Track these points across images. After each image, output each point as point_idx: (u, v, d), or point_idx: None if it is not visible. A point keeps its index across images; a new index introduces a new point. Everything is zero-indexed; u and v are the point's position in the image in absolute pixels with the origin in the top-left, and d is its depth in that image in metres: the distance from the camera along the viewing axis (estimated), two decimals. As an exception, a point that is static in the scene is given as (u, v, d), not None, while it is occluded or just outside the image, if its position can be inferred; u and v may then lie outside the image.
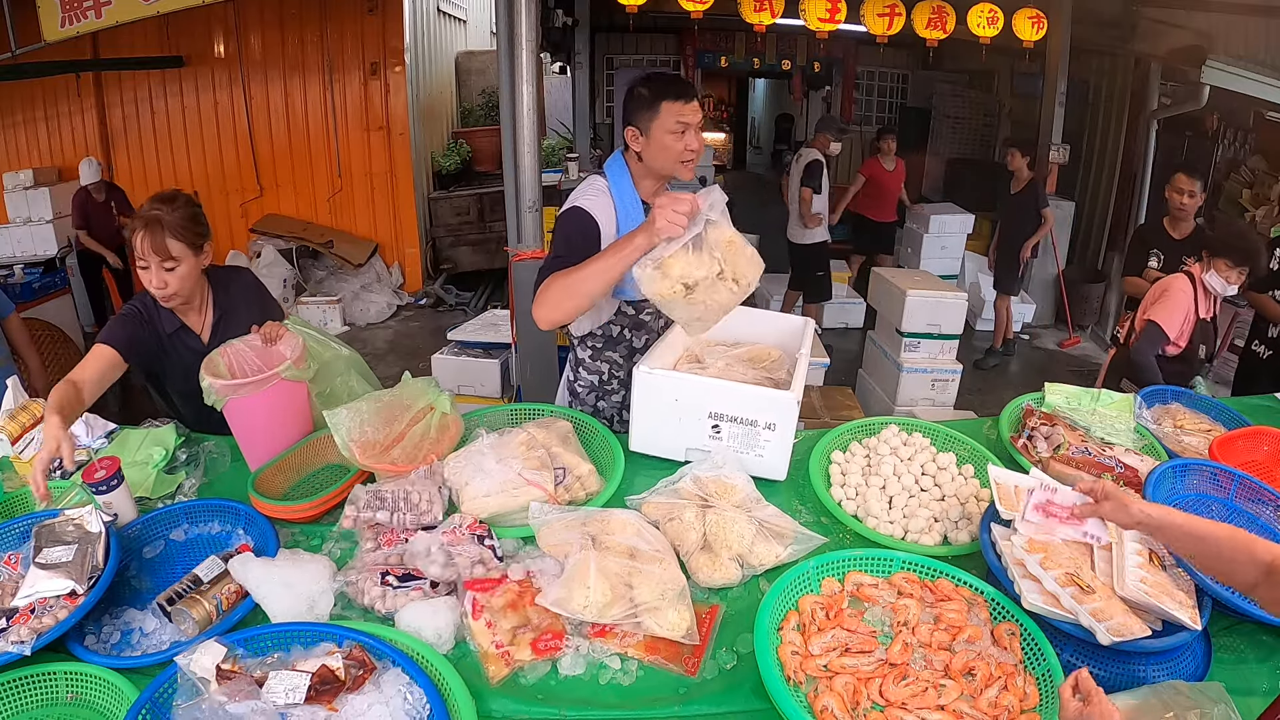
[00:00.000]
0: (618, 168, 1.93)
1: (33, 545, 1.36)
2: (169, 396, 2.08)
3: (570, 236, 1.82)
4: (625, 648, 1.26)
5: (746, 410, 1.67)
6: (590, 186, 1.91)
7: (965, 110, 8.99)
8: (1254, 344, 3.49)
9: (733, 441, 1.70)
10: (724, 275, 1.63)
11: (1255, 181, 6.64)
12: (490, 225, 7.22)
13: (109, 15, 4.42)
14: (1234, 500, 1.64)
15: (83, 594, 1.30)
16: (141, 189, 6.88)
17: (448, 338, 4.37)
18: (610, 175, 1.92)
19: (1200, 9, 4.97)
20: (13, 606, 1.29)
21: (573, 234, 1.82)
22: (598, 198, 1.88)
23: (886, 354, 4.62)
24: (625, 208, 1.90)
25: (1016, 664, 1.20)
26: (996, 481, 1.51)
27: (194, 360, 1.89)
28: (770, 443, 1.69)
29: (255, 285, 2.11)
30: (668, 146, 1.84)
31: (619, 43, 8.58)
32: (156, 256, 1.80)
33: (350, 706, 1.10)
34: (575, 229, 1.83)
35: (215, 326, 1.99)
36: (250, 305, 2.02)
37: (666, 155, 1.85)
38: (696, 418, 1.70)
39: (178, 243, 1.82)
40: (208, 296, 2.00)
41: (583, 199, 1.87)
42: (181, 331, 1.96)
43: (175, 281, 1.84)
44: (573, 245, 1.79)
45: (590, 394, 2.10)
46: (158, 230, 1.79)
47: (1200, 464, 1.69)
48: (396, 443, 1.66)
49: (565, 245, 1.81)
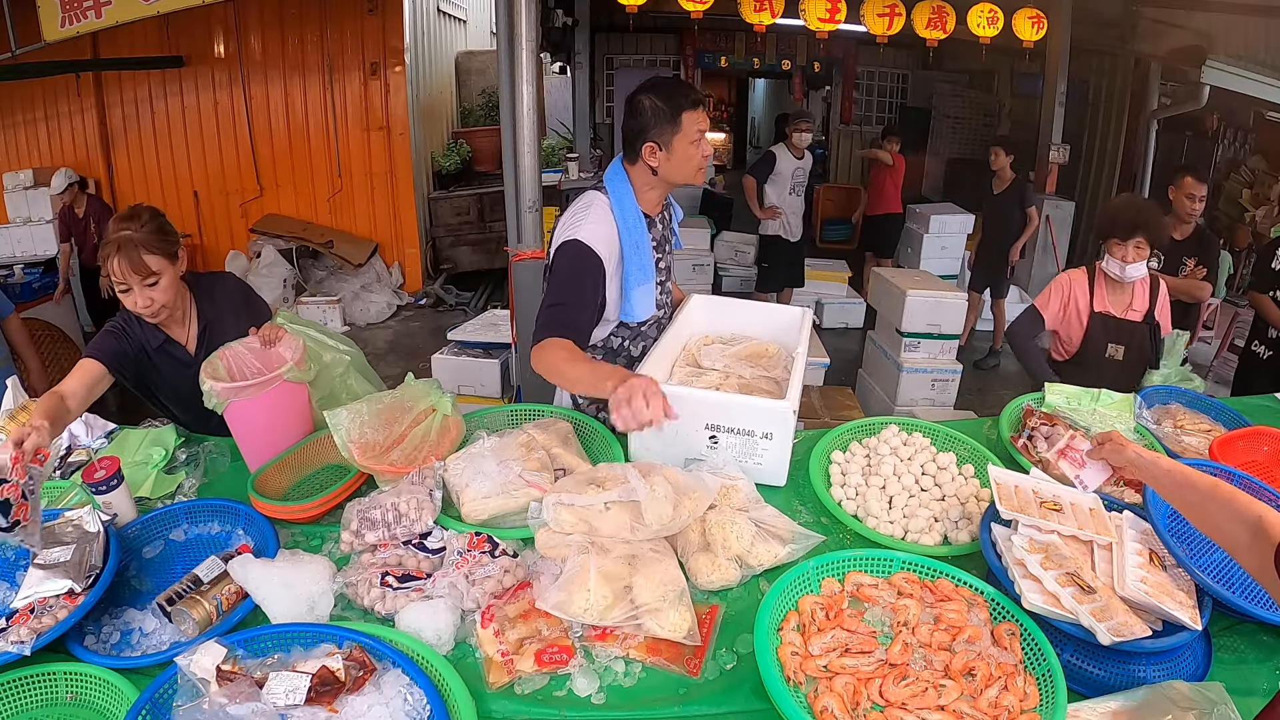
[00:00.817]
0: (619, 181, 1.87)
1: (33, 551, 1.36)
2: (163, 405, 2.06)
3: (567, 281, 1.79)
4: (627, 649, 1.26)
5: (743, 421, 1.66)
6: (591, 210, 1.84)
7: (965, 110, 9.01)
8: (1254, 344, 3.49)
9: (731, 451, 1.69)
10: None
11: (1255, 181, 6.65)
12: (490, 225, 7.22)
13: (109, 15, 4.43)
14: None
15: (80, 593, 1.30)
16: (141, 189, 6.89)
17: (448, 338, 4.37)
18: (611, 191, 1.86)
19: (1200, 9, 4.97)
20: (13, 608, 1.29)
21: (570, 277, 1.78)
22: (599, 226, 1.81)
23: (886, 354, 4.62)
24: (628, 227, 1.85)
25: (1016, 664, 1.20)
26: (996, 481, 1.51)
27: (182, 372, 1.90)
28: (769, 451, 1.69)
29: (239, 288, 2.08)
30: (689, 157, 1.82)
31: (619, 43, 8.59)
32: (137, 276, 1.76)
33: (350, 707, 1.09)
34: (575, 270, 1.78)
35: (201, 336, 1.96)
36: (237, 311, 1.99)
37: (688, 166, 1.84)
38: (694, 429, 1.69)
39: (154, 256, 1.77)
40: (190, 307, 1.96)
41: (583, 228, 1.80)
42: (167, 344, 1.92)
43: (160, 295, 1.80)
44: (570, 290, 1.77)
45: (591, 404, 2.05)
46: (131, 249, 1.74)
47: (1201, 464, 1.69)
48: (397, 444, 1.66)
49: (563, 290, 1.77)
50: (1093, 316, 2.53)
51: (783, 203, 5.52)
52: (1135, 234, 2.40)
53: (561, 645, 1.25)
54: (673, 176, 1.86)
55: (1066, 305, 2.58)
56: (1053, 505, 1.46)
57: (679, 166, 1.83)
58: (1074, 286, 2.58)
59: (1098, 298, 2.54)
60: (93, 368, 1.74)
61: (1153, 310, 2.54)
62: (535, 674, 1.22)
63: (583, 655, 1.25)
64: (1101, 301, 2.54)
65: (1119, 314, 2.54)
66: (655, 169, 1.84)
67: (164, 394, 2.01)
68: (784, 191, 5.50)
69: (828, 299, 6.43)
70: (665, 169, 1.84)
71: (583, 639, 1.28)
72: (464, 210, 7.25)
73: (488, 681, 1.21)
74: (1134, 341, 2.52)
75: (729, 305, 2.30)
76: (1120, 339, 2.52)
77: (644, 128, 1.81)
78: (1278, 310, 3.29)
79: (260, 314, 2.02)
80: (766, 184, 5.51)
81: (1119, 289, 2.54)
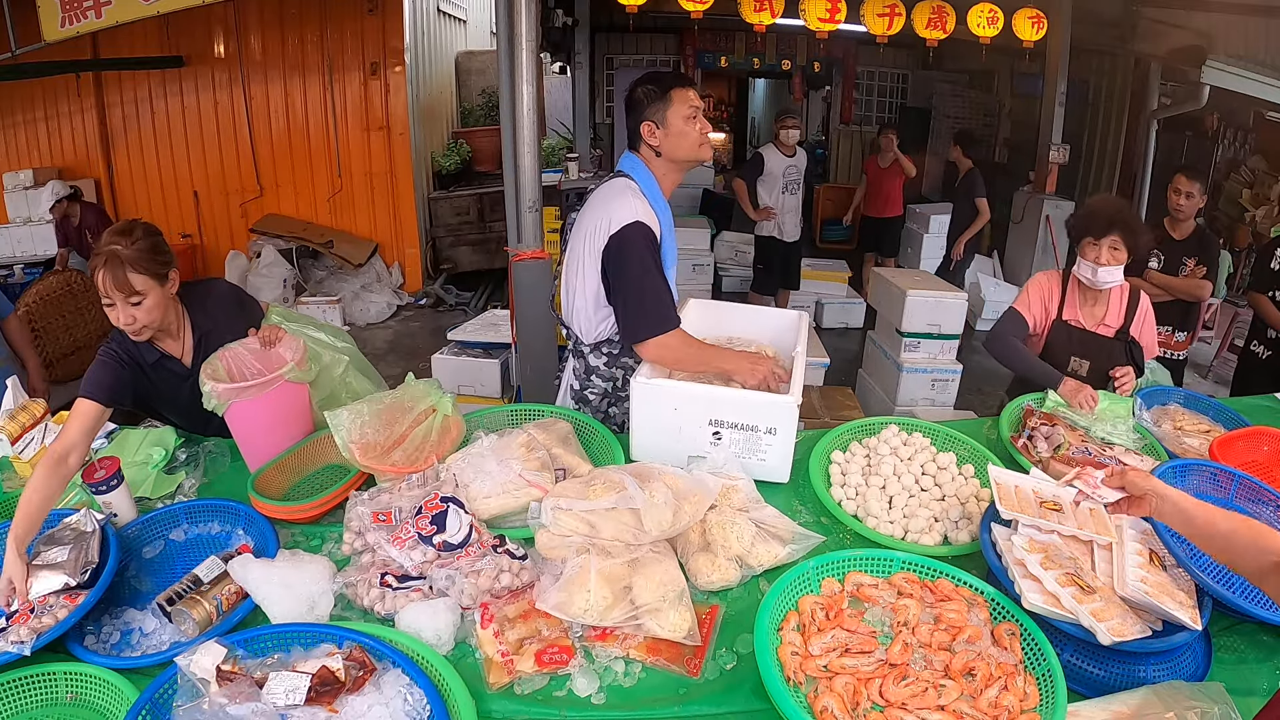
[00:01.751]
0: (641, 171, 1.95)
1: (32, 552, 1.37)
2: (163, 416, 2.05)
3: (651, 254, 1.87)
4: (627, 650, 1.26)
5: (747, 416, 1.67)
6: (628, 193, 1.92)
7: (965, 110, 9.00)
8: (1253, 344, 3.49)
9: (734, 447, 1.70)
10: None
11: (1255, 181, 6.65)
12: (490, 225, 7.22)
13: (109, 15, 4.42)
14: (1234, 500, 1.64)
15: (78, 589, 1.30)
16: (141, 189, 6.89)
17: (448, 338, 4.36)
18: (636, 177, 1.94)
19: (1200, 9, 4.97)
20: (13, 608, 1.29)
21: (651, 250, 1.88)
22: (642, 205, 1.89)
23: (886, 354, 4.61)
24: (660, 209, 1.94)
25: (1016, 664, 1.20)
26: (996, 481, 1.51)
27: (180, 385, 1.88)
28: (772, 447, 1.69)
29: (230, 293, 2.04)
30: (685, 132, 1.90)
31: (619, 43, 8.58)
32: (120, 293, 1.70)
33: (350, 707, 1.09)
34: (651, 243, 1.88)
35: (197, 348, 1.92)
36: (230, 315, 1.96)
37: (687, 141, 1.91)
38: (697, 425, 1.70)
39: (140, 276, 1.70)
40: (184, 320, 1.92)
41: (637, 212, 1.87)
42: (164, 360, 1.88)
43: (143, 315, 1.75)
44: (657, 274, 1.87)
45: (603, 400, 2.10)
46: (117, 266, 1.68)
47: (1200, 464, 1.69)
48: (398, 444, 1.65)
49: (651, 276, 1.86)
50: (1056, 324, 2.35)
51: (775, 203, 5.48)
52: (1110, 232, 2.19)
53: (561, 645, 1.25)
54: (675, 153, 1.93)
55: (1047, 306, 2.39)
56: (1053, 505, 1.46)
57: (677, 141, 1.92)
58: (1050, 288, 2.39)
59: (1068, 306, 2.35)
60: (90, 410, 1.69)
61: (1128, 325, 2.32)
62: (535, 674, 1.22)
63: (583, 655, 1.25)
64: (1071, 310, 2.35)
65: (1089, 326, 2.34)
66: (658, 149, 1.93)
67: (164, 407, 1.99)
68: (776, 191, 5.45)
69: (827, 299, 6.43)
70: (666, 146, 1.92)
71: (583, 639, 1.28)
72: (464, 210, 7.25)
73: (488, 682, 1.21)
74: (1100, 357, 2.30)
75: (725, 309, 2.30)
76: (1085, 353, 2.32)
77: (640, 110, 1.91)
78: (1277, 311, 3.29)
79: (254, 314, 2.00)
80: (758, 185, 5.48)
81: (1092, 299, 2.33)
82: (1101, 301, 2.33)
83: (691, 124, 1.91)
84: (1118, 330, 2.31)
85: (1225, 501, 1.64)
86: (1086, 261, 2.24)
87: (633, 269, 1.85)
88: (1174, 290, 3.45)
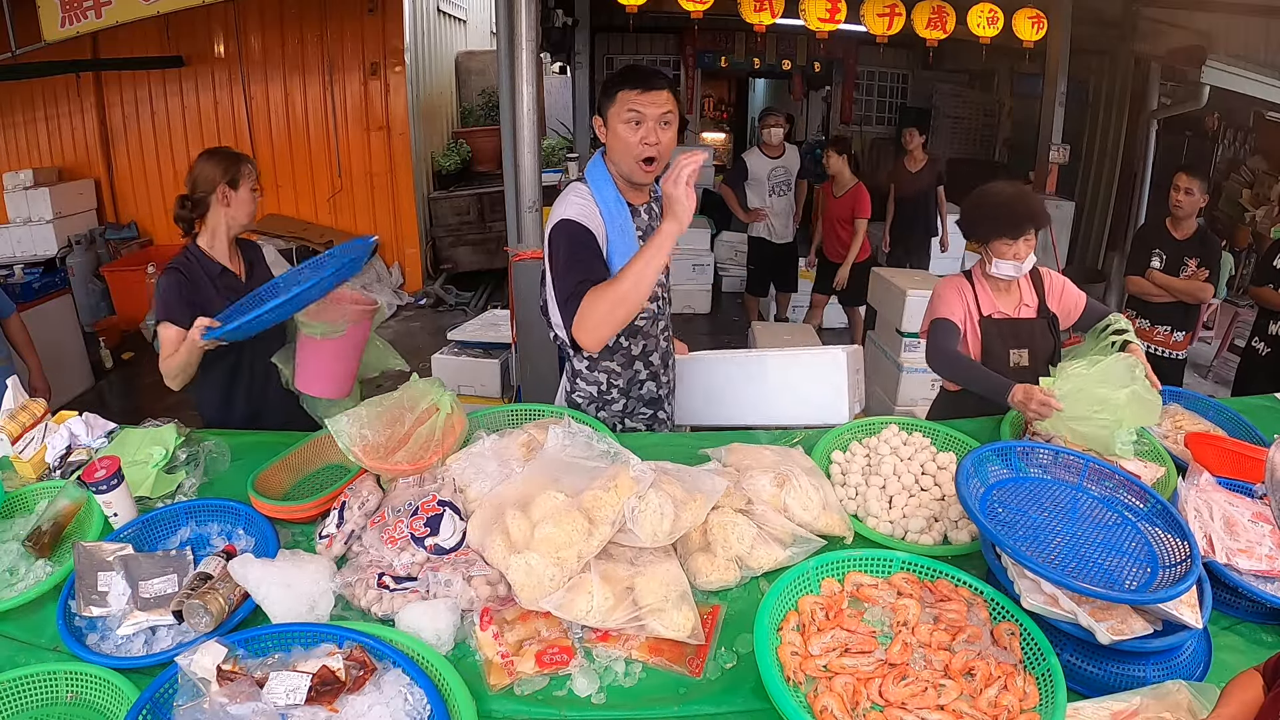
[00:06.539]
0: (599, 171, 1.85)
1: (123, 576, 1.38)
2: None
3: (574, 249, 1.75)
4: (629, 650, 1.26)
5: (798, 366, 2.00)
6: (571, 196, 1.82)
7: (965, 110, 9.00)
8: (1254, 340, 3.50)
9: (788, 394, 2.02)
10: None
11: (1255, 181, 6.66)
12: (490, 225, 7.22)
13: (109, 15, 4.43)
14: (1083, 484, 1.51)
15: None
16: (141, 189, 6.90)
17: (448, 338, 4.37)
18: (591, 180, 1.84)
19: (1200, 9, 4.97)
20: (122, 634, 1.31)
21: (574, 245, 1.75)
22: (583, 205, 1.79)
23: (886, 354, 4.61)
24: (609, 212, 1.82)
25: (1016, 664, 1.20)
26: (996, 482, 1.50)
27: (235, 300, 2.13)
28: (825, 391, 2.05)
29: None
30: (622, 138, 1.75)
31: (619, 43, 8.58)
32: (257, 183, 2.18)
33: (351, 707, 1.09)
34: (574, 239, 1.76)
35: (248, 270, 2.25)
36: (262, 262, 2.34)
37: (621, 145, 1.76)
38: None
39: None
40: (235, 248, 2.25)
41: (567, 211, 1.79)
42: (225, 274, 2.16)
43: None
44: (581, 256, 1.74)
45: (590, 405, 2.03)
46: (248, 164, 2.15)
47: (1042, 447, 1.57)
48: (402, 445, 1.65)
49: (574, 259, 1.74)
50: (984, 322, 2.24)
51: (764, 205, 5.42)
52: (1025, 227, 2.12)
53: (561, 646, 1.25)
54: (613, 155, 1.82)
55: (968, 308, 2.25)
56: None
57: (613, 144, 1.78)
58: (962, 289, 2.27)
59: (984, 302, 2.25)
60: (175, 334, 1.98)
61: (1044, 302, 2.26)
62: (535, 675, 1.22)
63: (583, 655, 1.25)
64: (990, 305, 2.25)
65: (1013, 314, 2.25)
66: (605, 145, 1.83)
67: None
68: (764, 194, 5.39)
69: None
70: (609, 149, 1.82)
71: (583, 639, 1.28)
72: (464, 210, 7.25)
73: (488, 684, 1.21)
74: (1035, 341, 2.24)
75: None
76: (1020, 342, 2.23)
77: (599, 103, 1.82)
78: (1278, 294, 3.30)
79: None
80: (746, 189, 5.42)
81: (1003, 289, 2.26)
82: (1013, 288, 2.27)
83: (629, 130, 1.73)
84: (1038, 309, 2.27)
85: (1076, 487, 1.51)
86: (1005, 261, 2.16)
87: (556, 265, 1.78)
88: (1175, 292, 3.46)
